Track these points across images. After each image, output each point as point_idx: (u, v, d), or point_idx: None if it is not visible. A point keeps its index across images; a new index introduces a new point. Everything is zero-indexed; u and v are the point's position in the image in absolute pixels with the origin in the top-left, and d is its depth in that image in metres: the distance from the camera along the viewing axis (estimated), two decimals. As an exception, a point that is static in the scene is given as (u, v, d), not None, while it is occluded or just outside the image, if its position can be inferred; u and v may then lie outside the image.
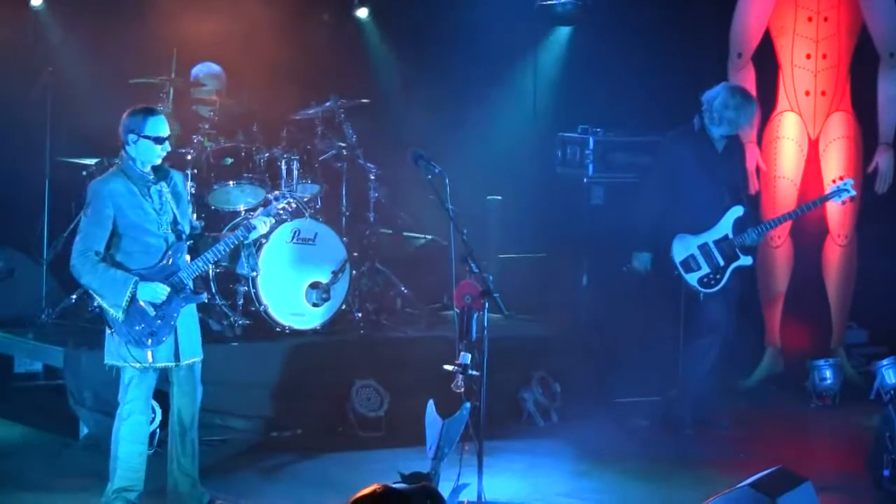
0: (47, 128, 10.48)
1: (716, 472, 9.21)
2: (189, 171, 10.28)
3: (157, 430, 8.93)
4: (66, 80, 10.81)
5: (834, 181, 10.92)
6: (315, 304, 10.29)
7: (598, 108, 11.72)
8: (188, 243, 8.05)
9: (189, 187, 9.75)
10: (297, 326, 10.26)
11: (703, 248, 10.13)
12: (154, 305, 7.86)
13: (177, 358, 7.97)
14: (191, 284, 7.99)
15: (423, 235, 11.72)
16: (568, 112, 11.81)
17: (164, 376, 8.09)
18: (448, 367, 7.99)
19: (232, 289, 10.21)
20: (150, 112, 8.03)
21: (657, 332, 11.02)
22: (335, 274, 10.32)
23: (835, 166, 11.85)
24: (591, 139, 11.16)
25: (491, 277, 8.12)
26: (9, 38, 10.94)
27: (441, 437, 8.11)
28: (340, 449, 9.68)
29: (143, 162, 7.96)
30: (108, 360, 7.99)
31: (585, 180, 11.16)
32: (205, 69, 11.20)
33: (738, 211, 10.19)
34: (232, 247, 8.17)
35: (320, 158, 10.96)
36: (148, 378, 7.97)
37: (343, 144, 10.96)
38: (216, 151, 10.61)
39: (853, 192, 10.41)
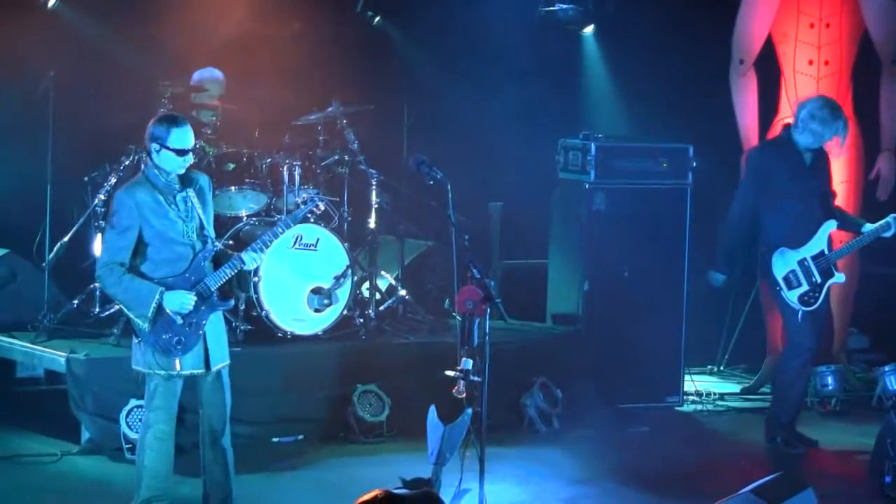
0: (49, 132, 10.46)
1: (716, 478, 9.21)
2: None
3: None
4: (68, 85, 10.79)
5: None
6: (317, 310, 10.28)
7: (600, 114, 11.72)
8: (214, 250, 7.99)
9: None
10: (298, 332, 10.25)
11: (802, 263, 9.89)
12: (181, 314, 7.83)
13: (206, 365, 7.92)
14: (217, 291, 7.94)
15: (425, 241, 11.71)
16: (570, 118, 11.80)
17: (187, 384, 8.03)
18: (450, 373, 7.98)
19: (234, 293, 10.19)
20: (175, 123, 7.85)
21: (659, 338, 11.02)
22: (337, 279, 10.32)
23: (837, 173, 11.82)
24: (593, 145, 11.13)
25: (493, 283, 8.11)
26: (11, 42, 10.93)
27: (443, 443, 8.11)
28: (342, 454, 9.68)
29: (167, 171, 7.88)
30: (135, 366, 7.97)
31: (587, 186, 11.14)
32: (206, 74, 11.20)
33: (832, 225, 9.97)
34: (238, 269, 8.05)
35: (322, 164, 10.96)
36: (174, 386, 7.91)
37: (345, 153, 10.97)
38: (218, 157, 10.61)
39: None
